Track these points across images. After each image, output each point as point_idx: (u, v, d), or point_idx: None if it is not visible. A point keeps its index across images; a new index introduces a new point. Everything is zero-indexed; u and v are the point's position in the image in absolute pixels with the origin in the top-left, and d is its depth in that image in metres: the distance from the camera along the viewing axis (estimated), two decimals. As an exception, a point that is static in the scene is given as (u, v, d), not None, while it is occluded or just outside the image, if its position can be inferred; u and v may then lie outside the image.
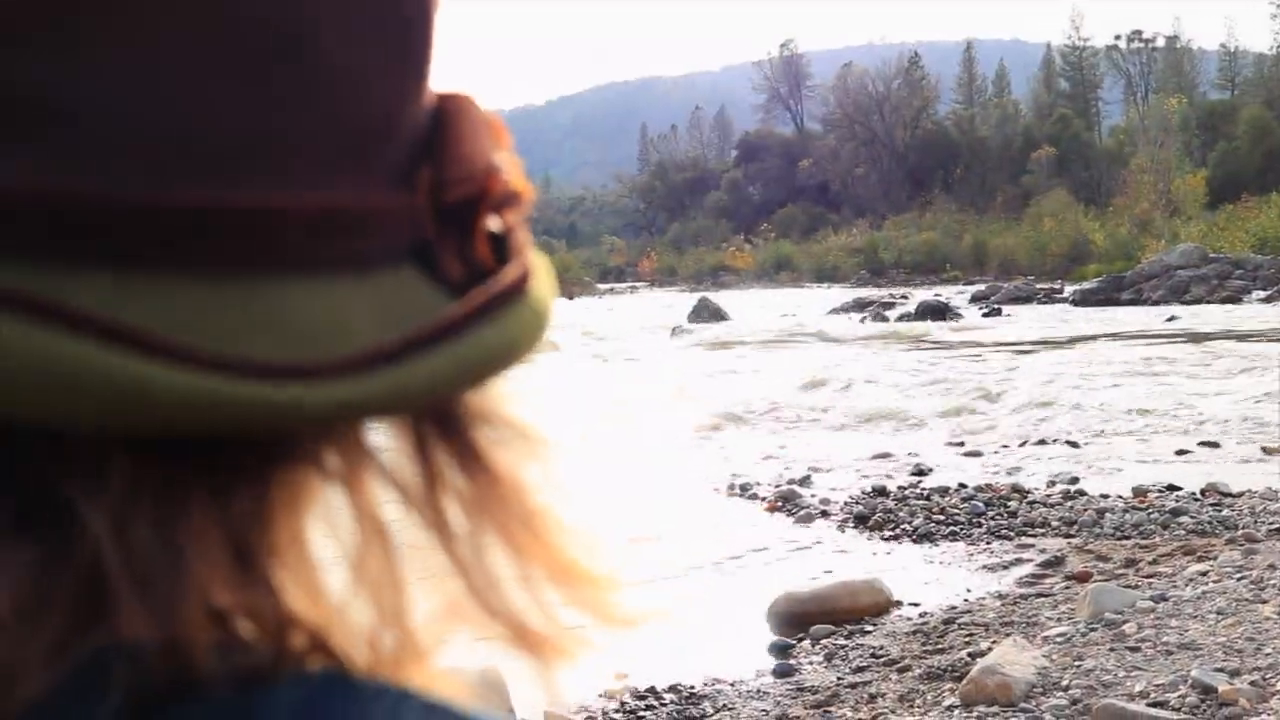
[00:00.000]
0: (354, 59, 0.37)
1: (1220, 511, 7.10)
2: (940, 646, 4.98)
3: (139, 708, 0.34)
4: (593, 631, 0.43)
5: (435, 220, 0.40)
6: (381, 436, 0.41)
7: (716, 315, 30.38)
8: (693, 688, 4.68)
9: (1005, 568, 6.34)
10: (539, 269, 0.42)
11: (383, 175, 0.39)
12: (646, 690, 4.63)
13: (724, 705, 4.51)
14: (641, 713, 4.47)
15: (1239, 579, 5.44)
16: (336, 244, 0.37)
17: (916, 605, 5.70)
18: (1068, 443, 10.04)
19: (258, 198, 0.35)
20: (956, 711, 4.15)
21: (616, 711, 4.48)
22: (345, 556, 0.41)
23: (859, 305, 32.96)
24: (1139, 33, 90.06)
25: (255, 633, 0.37)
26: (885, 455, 9.75)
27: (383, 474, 0.41)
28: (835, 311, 32.47)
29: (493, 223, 0.41)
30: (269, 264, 0.36)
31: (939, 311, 29.00)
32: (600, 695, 4.58)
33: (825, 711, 4.35)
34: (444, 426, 0.41)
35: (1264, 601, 4.99)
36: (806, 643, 5.24)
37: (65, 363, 0.32)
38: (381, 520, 0.40)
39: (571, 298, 49.13)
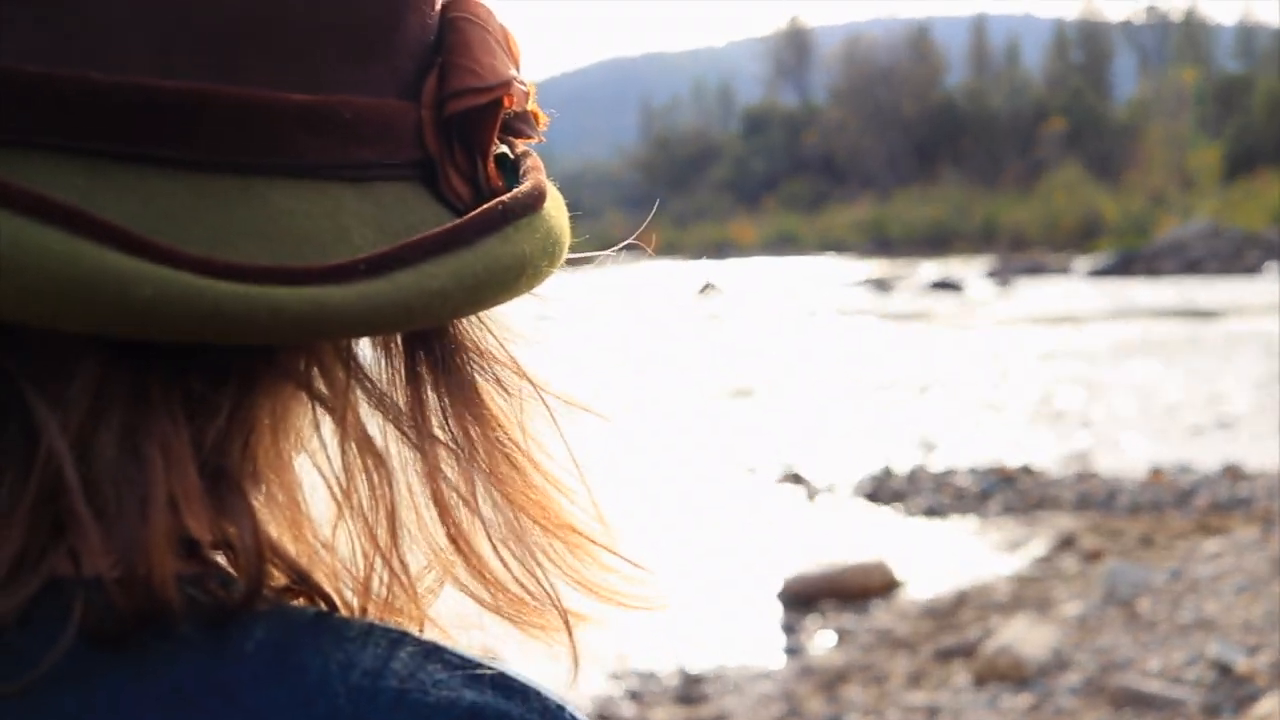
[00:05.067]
0: None
1: (1236, 490, 7.00)
2: (951, 625, 4.91)
3: (98, 642, 0.31)
4: (586, 611, 0.39)
5: (439, 134, 0.37)
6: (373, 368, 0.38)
7: (720, 289, 30.26)
8: (698, 667, 4.60)
9: (1017, 546, 6.25)
10: (554, 196, 0.39)
11: (384, 80, 0.36)
12: (650, 670, 4.56)
13: (729, 686, 4.44)
14: (645, 693, 4.39)
15: (1257, 557, 5.35)
16: (331, 147, 0.34)
17: (927, 584, 5.63)
18: (1080, 420, 9.94)
19: (251, 89, 0.33)
20: (968, 690, 4.08)
21: (619, 692, 4.41)
22: (333, 485, 0.37)
23: (866, 279, 32.78)
24: (1154, 8, 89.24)
25: (230, 564, 0.34)
26: (895, 432, 9.66)
27: (375, 399, 0.37)
28: (842, 285, 32.31)
29: (503, 145, 0.39)
30: (258, 162, 0.33)
31: (948, 286, 28.86)
32: (605, 676, 4.51)
33: (833, 692, 4.27)
34: (438, 358, 0.37)
35: (1283, 580, 4.90)
36: (814, 621, 5.17)
37: (29, 250, 0.29)
38: (373, 444, 0.37)
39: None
